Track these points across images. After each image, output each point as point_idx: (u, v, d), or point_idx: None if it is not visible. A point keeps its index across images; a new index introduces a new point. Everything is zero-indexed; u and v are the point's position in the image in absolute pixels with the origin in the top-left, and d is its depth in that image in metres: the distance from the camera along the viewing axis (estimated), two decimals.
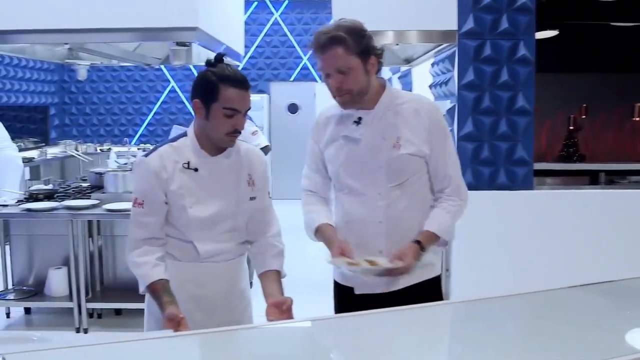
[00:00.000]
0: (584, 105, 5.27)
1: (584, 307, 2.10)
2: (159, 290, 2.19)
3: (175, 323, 2.04)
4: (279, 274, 2.38)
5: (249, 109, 2.27)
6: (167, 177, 2.23)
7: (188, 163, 2.26)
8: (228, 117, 2.19)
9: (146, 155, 2.28)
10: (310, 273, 6.55)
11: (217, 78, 2.17)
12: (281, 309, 2.15)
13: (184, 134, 2.32)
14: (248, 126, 5.50)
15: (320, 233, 2.41)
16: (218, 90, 2.17)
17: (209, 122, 2.22)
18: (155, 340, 1.88)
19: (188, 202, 2.24)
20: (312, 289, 6.02)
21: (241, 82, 2.20)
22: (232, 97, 2.18)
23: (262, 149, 5.83)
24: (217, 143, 2.27)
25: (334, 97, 2.34)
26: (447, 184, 2.39)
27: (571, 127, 5.24)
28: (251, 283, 5.50)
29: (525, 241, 4.37)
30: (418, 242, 2.32)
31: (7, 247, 5.06)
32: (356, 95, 2.29)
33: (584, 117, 5.26)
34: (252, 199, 2.35)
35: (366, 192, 2.36)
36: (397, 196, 2.34)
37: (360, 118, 2.35)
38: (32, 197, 5.04)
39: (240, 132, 2.26)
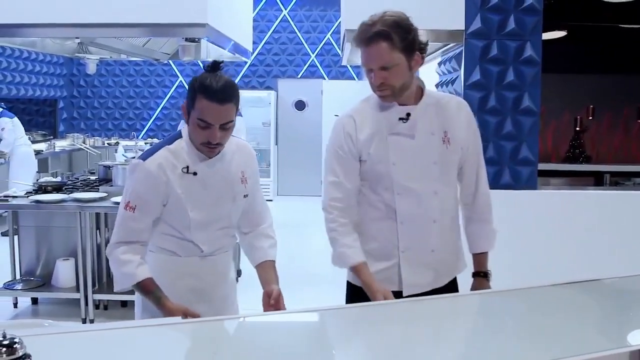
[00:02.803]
0: (591, 106, 5.28)
1: (584, 303, 2.13)
2: (152, 286, 2.20)
3: (184, 311, 2.10)
4: (274, 264, 2.45)
5: (227, 122, 2.17)
6: (167, 182, 2.22)
7: (187, 167, 2.24)
8: (201, 128, 2.16)
9: (143, 159, 2.25)
10: (313, 267, 6.61)
11: (197, 86, 2.14)
12: (270, 299, 2.29)
13: (179, 135, 2.31)
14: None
15: (356, 273, 2.29)
16: (195, 99, 2.15)
17: (189, 127, 2.23)
18: (168, 326, 1.92)
19: (189, 206, 2.25)
20: (315, 282, 6.10)
21: (217, 96, 2.11)
22: (204, 109, 2.13)
23: None
24: (200, 151, 2.26)
25: (374, 90, 2.26)
26: (476, 186, 2.43)
27: (577, 128, 5.25)
28: (239, 271, 5.53)
29: (528, 241, 4.38)
30: (481, 273, 2.46)
31: (16, 238, 5.11)
32: (398, 91, 2.22)
33: (590, 118, 5.27)
34: (245, 196, 2.38)
35: (421, 191, 2.27)
36: (447, 193, 2.33)
37: (408, 114, 2.26)
38: (41, 189, 5.09)
39: (216, 145, 2.21)
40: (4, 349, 1.21)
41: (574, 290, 2.19)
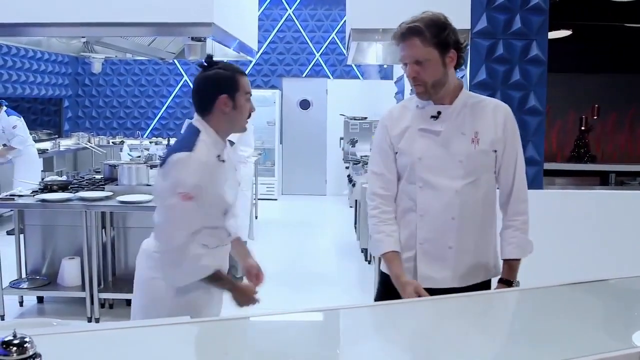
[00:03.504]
0: (596, 105, 5.27)
1: (591, 303, 2.13)
2: (221, 273, 2.45)
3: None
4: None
5: None
6: (211, 170, 2.38)
7: (219, 155, 2.44)
8: (248, 101, 2.46)
9: (189, 150, 2.34)
10: (318, 266, 6.61)
11: (232, 72, 2.44)
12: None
13: (197, 130, 2.43)
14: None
15: (387, 262, 2.41)
16: (238, 81, 2.42)
17: (236, 111, 2.44)
18: (178, 326, 1.92)
19: (225, 191, 2.46)
20: (319, 282, 6.10)
21: (244, 73, 2.50)
22: (247, 83, 2.46)
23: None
24: (239, 130, 2.52)
25: (412, 86, 2.38)
26: (510, 189, 2.43)
27: (582, 128, 5.25)
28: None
29: (534, 241, 4.38)
30: (504, 280, 2.42)
31: (22, 237, 5.13)
32: (431, 87, 2.31)
33: (595, 117, 5.26)
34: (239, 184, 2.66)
35: (442, 187, 2.34)
36: (471, 193, 2.35)
37: (439, 112, 2.35)
38: (47, 188, 5.10)
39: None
40: (15, 348, 1.22)
41: (580, 291, 2.19)
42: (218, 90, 2.40)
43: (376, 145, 2.49)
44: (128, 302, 5.08)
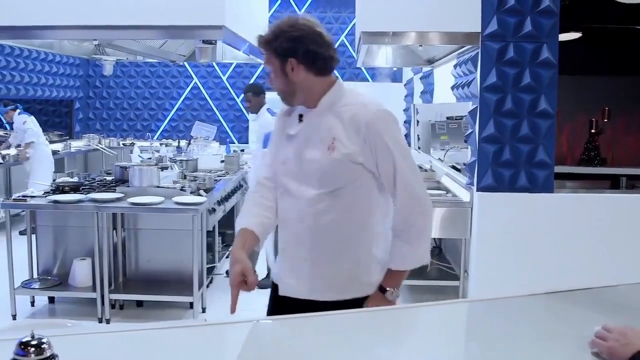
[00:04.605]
0: (606, 108, 5.25)
1: (600, 308, 2.12)
2: None
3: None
4: None
5: None
6: None
7: None
8: None
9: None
10: None
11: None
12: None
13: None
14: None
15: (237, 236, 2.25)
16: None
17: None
18: (193, 328, 1.94)
19: None
20: None
21: None
22: None
23: None
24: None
25: None
26: (401, 201, 2.19)
27: (592, 131, 5.22)
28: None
29: (544, 244, 4.37)
30: (380, 287, 2.22)
31: (34, 237, 5.16)
32: (282, 95, 2.26)
33: (605, 120, 5.24)
34: None
35: (298, 195, 2.21)
36: (327, 205, 2.17)
37: (301, 115, 2.25)
38: (59, 189, 5.14)
39: None
40: (33, 349, 1.24)
41: (590, 297, 2.18)
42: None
43: (272, 137, 2.41)
44: (138, 303, 5.12)
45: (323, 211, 2.18)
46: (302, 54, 2.15)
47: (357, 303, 2.19)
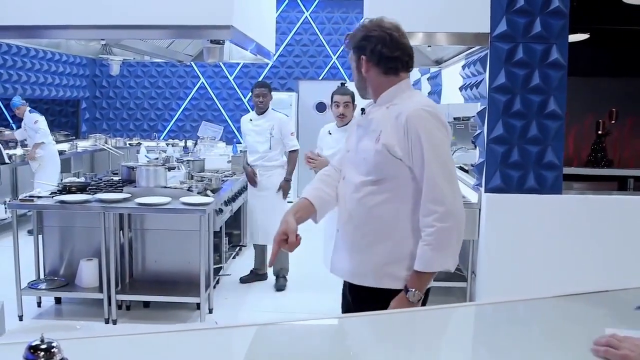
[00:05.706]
0: (613, 109, 5.22)
1: (610, 311, 2.10)
2: None
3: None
4: None
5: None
6: None
7: None
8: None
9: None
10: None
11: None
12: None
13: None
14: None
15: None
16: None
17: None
18: (203, 331, 1.92)
19: None
20: (329, 286, 6.06)
21: None
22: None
23: (291, 152, 5.95)
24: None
25: None
26: (424, 200, 2.26)
27: (599, 132, 5.20)
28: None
29: (552, 246, 4.35)
30: (405, 287, 2.28)
31: (40, 238, 5.16)
32: (356, 88, 2.54)
33: (613, 122, 5.21)
34: None
35: (348, 180, 2.44)
36: (368, 193, 2.35)
37: (363, 109, 2.51)
38: (66, 189, 5.13)
39: None
40: (42, 353, 1.22)
41: (599, 300, 2.16)
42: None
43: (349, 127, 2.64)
44: (145, 304, 5.11)
45: (364, 198, 2.35)
46: (370, 53, 2.36)
47: (392, 295, 2.30)
